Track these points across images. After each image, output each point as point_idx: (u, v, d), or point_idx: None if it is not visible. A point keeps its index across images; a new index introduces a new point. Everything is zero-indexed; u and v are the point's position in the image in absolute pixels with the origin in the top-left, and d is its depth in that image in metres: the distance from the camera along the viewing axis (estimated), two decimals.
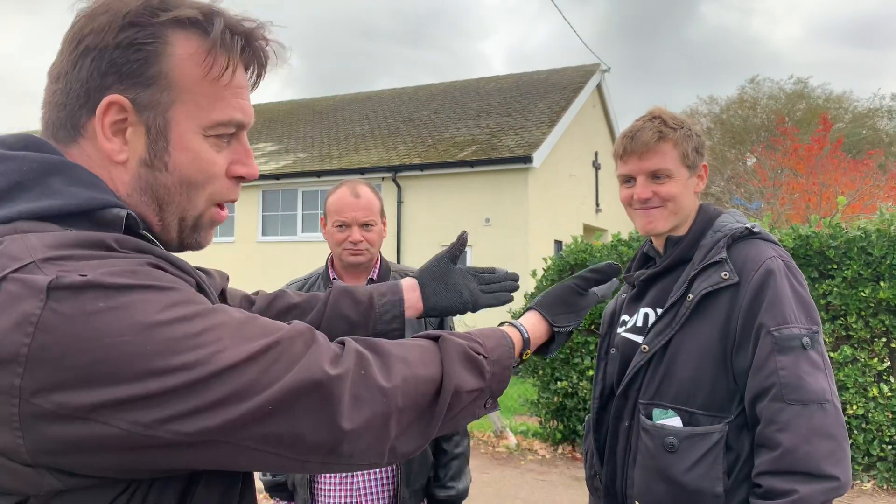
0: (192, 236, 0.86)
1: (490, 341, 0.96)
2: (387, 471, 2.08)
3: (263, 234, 15.37)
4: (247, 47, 0.83)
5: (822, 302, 5.42)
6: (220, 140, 0.83)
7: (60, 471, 0.66)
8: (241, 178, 0.86)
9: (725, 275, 1.54)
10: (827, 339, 5.43)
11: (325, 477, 2.09)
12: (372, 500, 2.08)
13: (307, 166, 15.10)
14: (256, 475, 1.54)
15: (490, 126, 14.81)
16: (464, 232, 1.31)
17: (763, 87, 29.86)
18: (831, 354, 5.37)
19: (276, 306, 1.19)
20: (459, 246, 1.28)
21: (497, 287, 1.28)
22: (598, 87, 16.87)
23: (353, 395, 0.75)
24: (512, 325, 1.08)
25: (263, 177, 15.09)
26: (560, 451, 6.66)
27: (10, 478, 0.66)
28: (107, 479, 0.69)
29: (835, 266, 5.40)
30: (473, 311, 1.27)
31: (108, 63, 0.77)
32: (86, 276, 0.65)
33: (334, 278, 2.20)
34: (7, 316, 0.63)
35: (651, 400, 1.59)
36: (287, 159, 15.81)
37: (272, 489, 2.26)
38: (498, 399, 0.95)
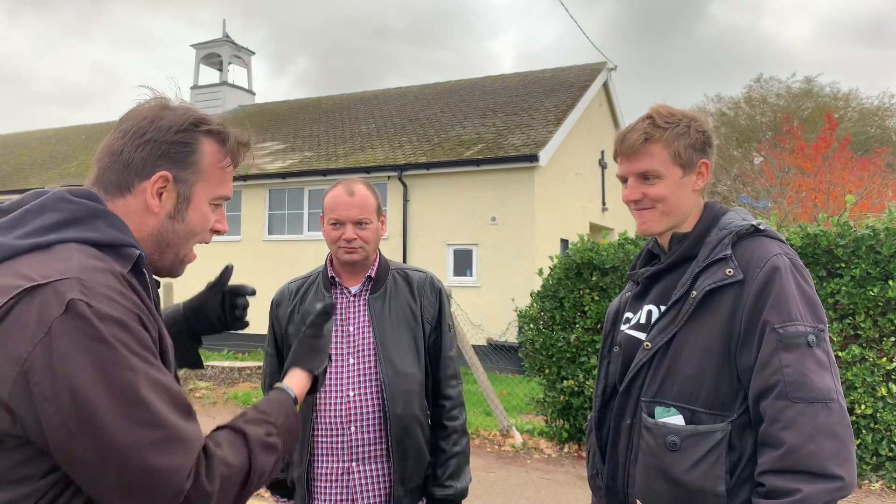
0: (179, 267, 1.29)
1: (280, 417, 1.25)
2: (382, 468, 2.09)
3: (270, 232, 15.39)
4: (240, 151, 1.29)
5: (831, 301, 5.39)
6: (215, 207, 1.28)
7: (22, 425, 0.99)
8: (217, 232, 1.31)
9: (730, 272, 1.52)
10: (835, 339, 5.39)
11: (322, 473, 2.10)
12: (367, 497, 2.08)
13: (313, 165, 15.11)
14: None
15: (496, 125, 14.79)
16: (228, 267, 1.55)
17: (770, 86, 29.73)
18: (839, 354, 5.34)
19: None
20: (221, 281, 1.56)
21: (241, 314, 1.59)
22: (605, 86, 16.83)
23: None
24: (282, 389, 1.35)
25: (270, 175, 15.13)
26: (566, 450, 6.65)
27: None
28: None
29: (843, 265, 5.37)
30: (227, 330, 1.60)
31: (163, 151, 1.19)
32: (93, 307, 1.00)
33: (333, 276, 2.21)
34: (40, 312, 0.99)
35: (653, 398, 1.58)
36: (293, 158, 15.83)
37: (272, 487, 2.27)
38: (288, 462, 1.31)
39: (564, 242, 13.85)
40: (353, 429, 2.08)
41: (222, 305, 1.56)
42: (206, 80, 21.59)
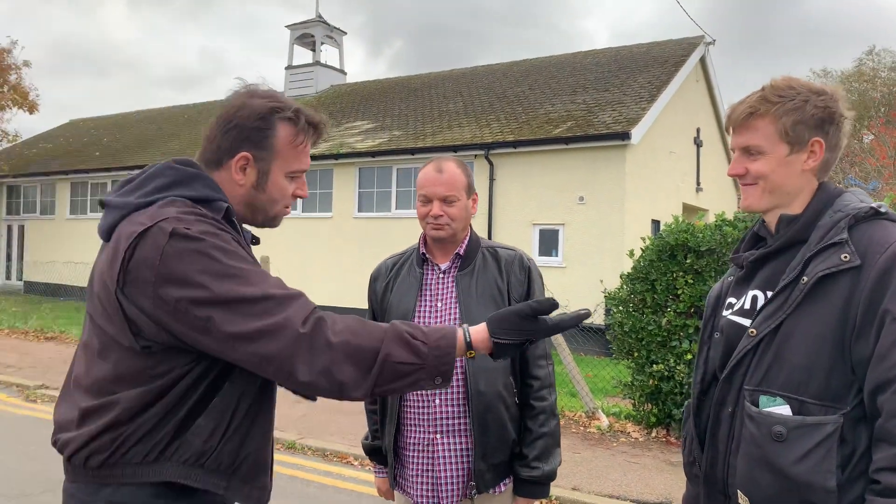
0: (273, 222, 1.60)
1: (435, 334, 1.37)
2: (465, 442, 2.14)
3: (359, 210, 15.70)
4: (314, 132, 1.56)
5: None
6: (293, 178, 1.56)
7: (167, 331, 1.32)
8: (297, 197, 1.59)
9: (846, 257, 1.43)
10: None
11: (410, 443, 2.19)
12: (449, 468, 2.14)
13: (401, 144, 15.27)
14: (360, 440, 2.49)
15: (586, 101, 14.48)
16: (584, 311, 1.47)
17: (883, 59, 27.74)
18: None
19: None
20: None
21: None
22: (702, 61, 16.15)
23: (309, 347, 1.29)
24: (462, 328, 1.43)
25: (359, 154, 15.39)
26: (654, 434, 6.52)
27: (147, 329, 1.33)
28: (182, 347, 1.34)
29: None
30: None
31: (245, 136, 1.49)
32: (188, 230, 1.33)
33: (423, 253, 2.25)
34: (153, 243, 1.32)
35: (758, 386, 1.51)
36: (382, 137, 16.04)
37: (370, 453, 2.38)
38: (444, 379, 1.35)
39: (656, 223, 13.47)
40: (437, 402, 2.14)
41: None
42: (300, 60, 22.11)
